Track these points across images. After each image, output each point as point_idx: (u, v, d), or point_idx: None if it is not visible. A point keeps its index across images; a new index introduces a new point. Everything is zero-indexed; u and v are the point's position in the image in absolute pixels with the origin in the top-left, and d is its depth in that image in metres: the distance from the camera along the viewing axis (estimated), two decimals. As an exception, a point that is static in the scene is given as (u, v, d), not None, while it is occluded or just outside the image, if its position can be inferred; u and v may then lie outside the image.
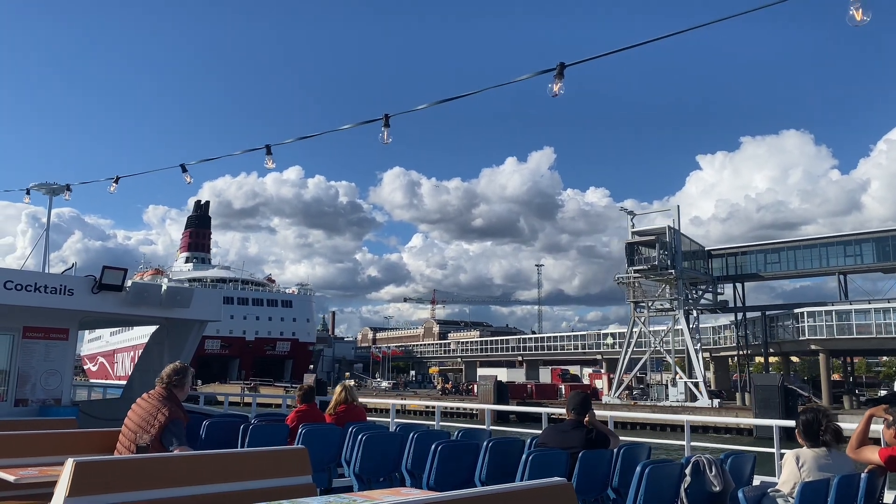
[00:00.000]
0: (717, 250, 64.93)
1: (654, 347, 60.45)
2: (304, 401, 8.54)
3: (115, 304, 10.41)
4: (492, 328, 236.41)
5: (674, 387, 58.07)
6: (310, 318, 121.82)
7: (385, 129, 8.49)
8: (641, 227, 62.29)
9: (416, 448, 6.83)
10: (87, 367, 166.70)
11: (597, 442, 6.11)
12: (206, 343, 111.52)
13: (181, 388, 5.80)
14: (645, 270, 59.42)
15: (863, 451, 4.95)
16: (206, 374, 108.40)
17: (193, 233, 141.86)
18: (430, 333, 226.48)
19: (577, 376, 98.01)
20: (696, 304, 61.15)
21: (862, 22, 5.28)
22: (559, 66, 6.74)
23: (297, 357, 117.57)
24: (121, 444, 5.46)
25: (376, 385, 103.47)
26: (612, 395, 60.66)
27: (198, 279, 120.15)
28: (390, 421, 12.42)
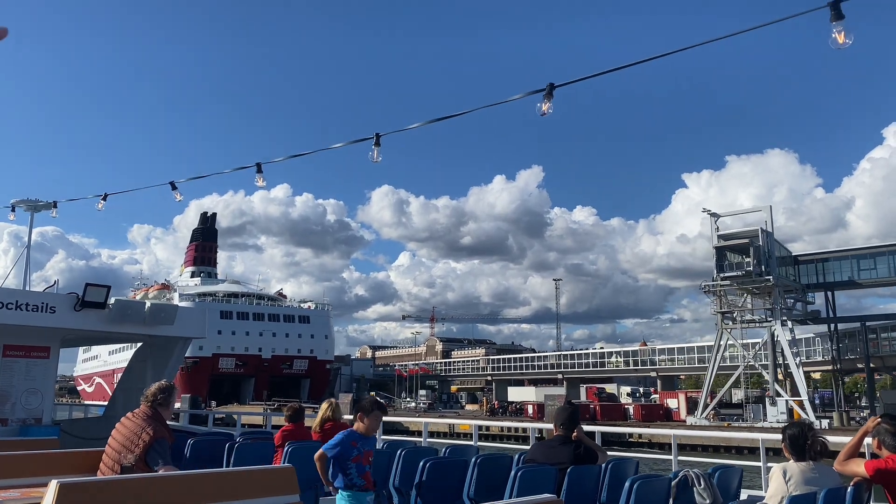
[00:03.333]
0: (806, 256, 59.65)
1: (748, 362, 54.73)
2: (291, 420, 8.52)
3: (98, 322, 10.22)
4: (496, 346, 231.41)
5: (773, 406, 52.35)
6: (328, 335, 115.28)
7: (375, 149, 8.51)
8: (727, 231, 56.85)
9: (403, 465, 6.79)
10: (82, 387, 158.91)
11: (585, 457, 6.01)
12: (221, 361, 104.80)
13: (166, 406, 5.69)
14: (738, 277, 53.90)
15: (849, 463, 4.87)
16: (218, 395, 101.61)
17: (199, 246, 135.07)
18: (433, 351, 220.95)
19: (614, 395, 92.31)
20: (790, 314, 55.61)
21: (844, 45, 5.38)
22: (549, 87, 6.81)
23: (314, 376, 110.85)
24: (104, 465, 5.40)
25: (406, 404, 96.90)
26: (699, 417, 54.76)
27: (208, 294, 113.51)
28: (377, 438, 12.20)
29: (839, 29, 5.37)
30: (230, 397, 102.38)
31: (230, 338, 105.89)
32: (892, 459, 4.62)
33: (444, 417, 72.73)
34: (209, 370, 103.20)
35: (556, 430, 6.25)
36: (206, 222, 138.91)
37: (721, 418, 56.42)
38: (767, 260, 54.01)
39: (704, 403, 55.76)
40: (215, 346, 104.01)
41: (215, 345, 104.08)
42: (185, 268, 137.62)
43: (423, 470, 6.12)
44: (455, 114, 8.14)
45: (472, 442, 11.45)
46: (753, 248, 53.60)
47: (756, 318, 55.94)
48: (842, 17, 5.41)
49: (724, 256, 55.81)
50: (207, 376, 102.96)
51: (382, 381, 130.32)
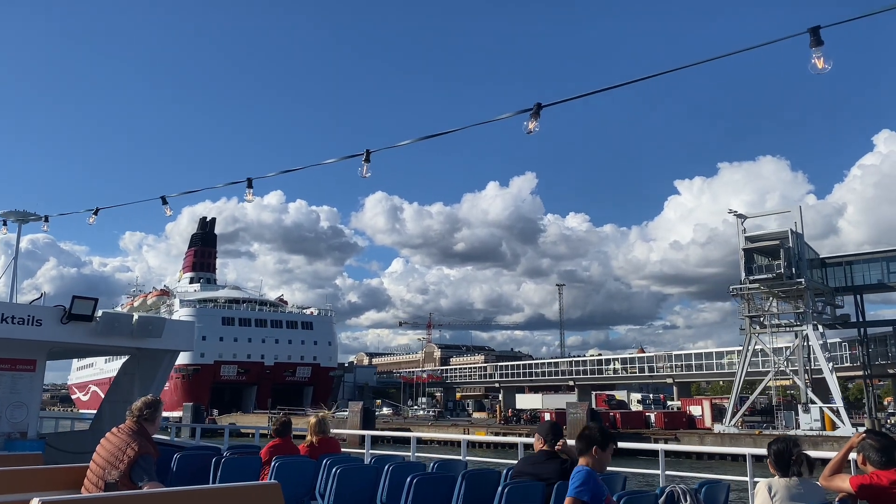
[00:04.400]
0: (833, 258, 57.99)
1: (779, 368, 52.96)
2: (279, 434, 8.31)
3: (85, 335, 10.12)
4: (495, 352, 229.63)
5: (806, 413, 50.55)
6: (331, 342, 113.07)
7: (365, 164, 8.59)
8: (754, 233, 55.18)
9: (391, 480, 6.76)
10: (76, 396, 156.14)
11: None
12: (222, 369, 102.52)
13: (152, 422, 5.65)
14: (769, 280, 52.17)
15: (834, 479, 4.83)
16: (220, 404, 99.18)
17: (198, 252, 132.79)
18: (431, 358, 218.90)
19: (624, 402, 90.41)
20: (820, 318, 53.92)
21: (823, 70, 5.48)
22: (536, 106, 6.94)
23: (318, 383, 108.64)
24: (88, 481, 5.30)
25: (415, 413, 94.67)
26: (728, 424, 52.93)
27: (209, 300, 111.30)
28: (365, 452, 12.19)
29: (818, 55, 5.45)
30: (231, 406, 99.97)
31: (232, 345, 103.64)
32: (876, 475, 4.64)
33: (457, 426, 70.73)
34: (211, 378, 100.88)
35: (541, 444, 6.14)
36: (205, 227, 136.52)
37: (749, 426, 54.62)
38: (798, 262, 52.34)
39: (733, 411, 53.89)
40: (217, 353, 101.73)
41: (217, 352, 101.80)
42: (183, 273, 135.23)
43: (410, 485, 6.07)
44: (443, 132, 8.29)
45: (461, 456, 11.23)
46: (784, 249, 51.89)
47: (785, 323, 54.16)
48: (821, 42, 5.44)
49: (751, 259, 54.04)
50: (209, 384, 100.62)
51: (385, 388, 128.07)
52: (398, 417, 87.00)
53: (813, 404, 51.03)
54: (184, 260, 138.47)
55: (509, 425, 71.91)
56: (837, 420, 48.78)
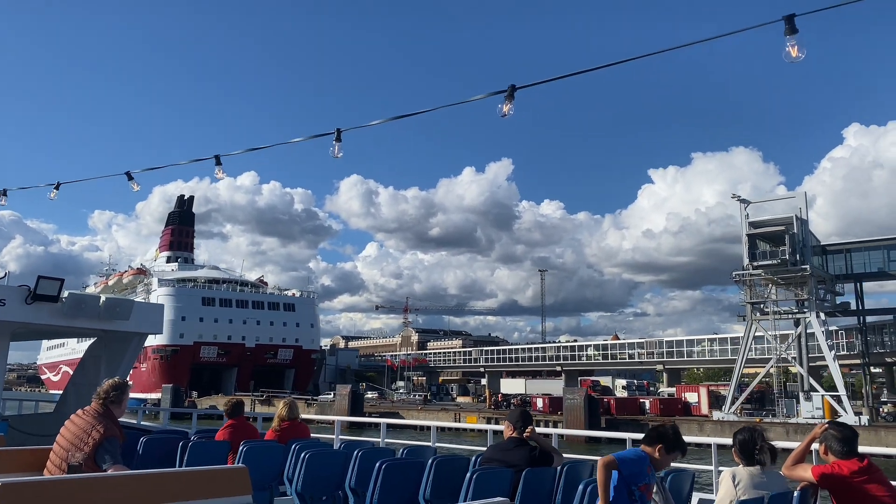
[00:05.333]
0: (834, 245, 57.41)
1: (781, 355, 52.31)
2: (232, 415, 8.26)
3: (50, 316, 9.80)
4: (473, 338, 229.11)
5: (808, 401, 50.01)
6: (314, 324, 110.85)
7: (336, 144, 8.39)
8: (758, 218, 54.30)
9: (360, 466, 6.74)
10: (46, 376, 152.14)
11: (541, 459, 5.98)
12: (202, 350, 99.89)
13: (119, 404, 5.56)
14: (772, 266, 51.35)
15: (796, 468, 4.97)
16: (198, 386, 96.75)
17: (175, 230, 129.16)
18: (409, 342, 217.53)
19: (609, 388, 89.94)
20: (821, 306, 53.31)
21: (797, 59, 5.46)
22: (510, 88, 6.79)
23: (299, 366, 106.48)
24: (51, 463, 5.22)
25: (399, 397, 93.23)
26: (727, 411, 52.25)
27: (188, 280, 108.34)
28: (335, 437, 12.22)
29: (793, 43, 5.45)
30: (210, 388, 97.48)
31: (212, 325, 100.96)
32: (837, 465, 4.71)
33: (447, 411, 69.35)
34: (190, 359, 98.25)
35: (510, 431, 6.19)
36: (182, 205, 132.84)
37: (748, 414, 54.03)
38: (802, 249, 51.59)
39: (733, 398, 53.23)
40: (197, 333, 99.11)
41: (197, 333, 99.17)
42: (159, 252, 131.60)
43: (378, 471, 6.08)
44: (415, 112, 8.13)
45: (430, 443, 11.01)
46: (789, 236, 51.09)
47: (787, 310, 53.49)
48: (795, 31, 5.41)
49: (754, 245, 53.18)
50: (188, 366, 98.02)
51: (367, 371, 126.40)
52: (385, 401, 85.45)
53: (815, 392, 50.50)
54: (160, 238, 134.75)
55: (500, 410, 70.76)
56: (840, 408, 48.28)
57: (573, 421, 54.12)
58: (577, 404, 55.56)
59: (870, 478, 4.61)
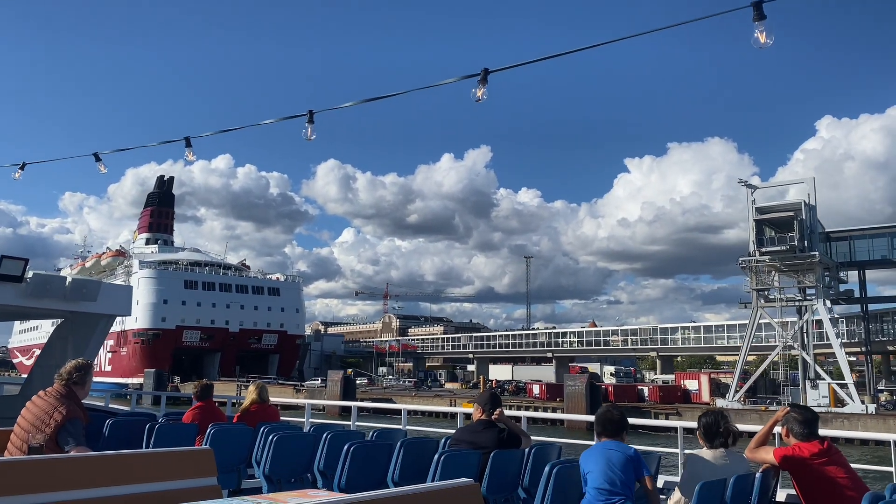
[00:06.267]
0: (838, 232, 56.80)
1: (787, 342, 51.65)
2: (200, 398, 8.17)
3: (14, 297, 9.60)
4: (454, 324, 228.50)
5: (814, 389, 49.44)
6: (299, 309, 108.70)
7: (309, 126, 8.24)
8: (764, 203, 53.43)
9: (328, 448, 6.74)
10: (19, 360, 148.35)
11: (509, 441, 6.09)
12: (185, 334, 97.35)
13: (82, 385, 5.48)
14: (780, 253, 50.55)
15: (759, 451, 5.12)
16: (180, 370, 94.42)
17: (155, 212, 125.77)
18: (389, 328, 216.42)
19: (597, 374, 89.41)
20: (826, 293, 52.70)
21: (766, 45, 5.49)
22: (483, 72, 6.73)
23: (284, 351, 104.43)
24: (12, 445, 5.14)
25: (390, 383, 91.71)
26: (731, 400, 51.56)
27: (169, 262, 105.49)
28: (305, 421, 12.16)
29: (761, 29, 5.48)
30: (192, 373, 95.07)
31: (195, 309, 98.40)
32: (798, 447, 4.83)
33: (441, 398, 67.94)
34: (172, 343, 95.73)
35: (479, 413, 6.23)
36: (162, 186, 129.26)
37: (752, 402, 53.41)
38: (810, 235, 50.85)
39: (737, 386, 52.54)
40: (179, 317, 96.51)
41: (179, 316, 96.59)
42: (138, 234, 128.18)
43: (347, 453, 6.12)
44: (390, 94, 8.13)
45: (401, 426, 11.12)
46: (798, 222, 50.29)
47: (792, 297, 52.80)
48: (763, 17, 5.45)
49: (761, 231, 52.34)
50: (170, 350, 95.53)
51: (353, 357, 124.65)
52: (375, 387, 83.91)
53: (821, 380, 49.95)
54: (139, 220, 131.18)
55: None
56: (847, 396, 47.75)
57: (574, 408, 53.08)
58: (579, 391, 54.59)
59: (829, 459, 4.73)
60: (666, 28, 6.28)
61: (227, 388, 72.14)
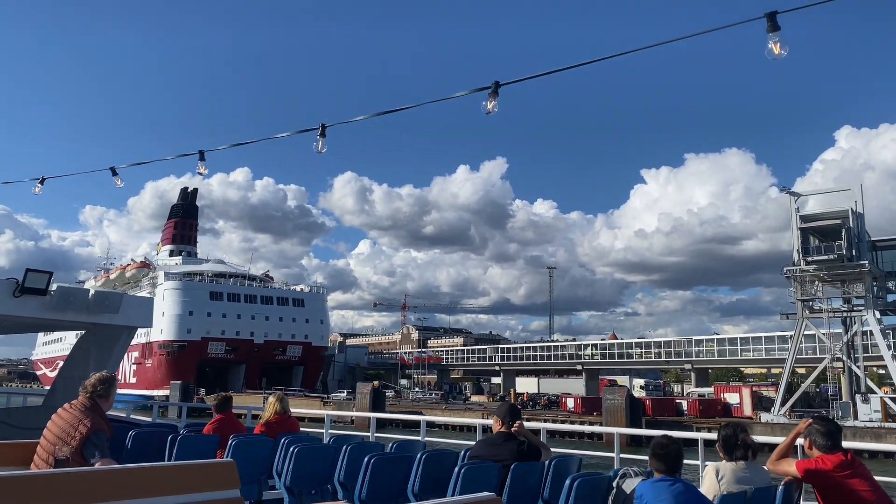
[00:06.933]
0: (885, 241, 55.10)
1: (835, 355, 50.03)
2: (220, 410, 8.29)
3: (39, 309, 9.86)
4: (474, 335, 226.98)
5: (865, 403, 47.72)
6: (323, 320, 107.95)
7: (320, 139, 8.36)
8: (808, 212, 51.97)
9: (349, 460, 6.75)
10: (42, 372, 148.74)
11: (529, 454, 6.04)
12: (210, 346, 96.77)
13: (106, 398, 5.56)
14: (828, 262, 49.04)
15: (781, 463, 5.06)
16: (204, 382, 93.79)
17: (179, 223, 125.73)
18: (409, 340, 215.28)
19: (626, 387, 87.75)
20: (875, 304, 51.05)
21: (780, 56, 5.47)
22: (494, 85, 6.81)
23: (309, 363, 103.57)
24: (38, 457, 5.20)
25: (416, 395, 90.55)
26: (777, 413, 49.95)
27: (194, 273, 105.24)
28: (324, 432, 12.29)
29: (776, 40, 5.47)
30: (216, 385, 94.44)
31: (220, 321, 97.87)
32: (822, 459, 4.74)
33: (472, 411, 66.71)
34: (197, 355, 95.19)
35: (499, 425, 6.20)
36: (186, 198, 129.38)
37: (798, 416, 51.67)
38: (858, 244, 49.32)
39: (782, 399, 50.93)
40: (204, 329, 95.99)
41: (204, 328, 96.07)
42: (162, 246, 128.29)
43: (367, 465, 6.09)
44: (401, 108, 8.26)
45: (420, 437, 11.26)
46: (846, 230, 48.79)
47: (839, 308, 51.19)
48: (777, 28, 5.46)
49: (806, 239, 50.88)
50: (196, 362, 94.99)
51: (376, 369, 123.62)
52: (403, 400, 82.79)
53: (873, 394, 48.25)
54: (163, 231, 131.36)
55: (527, 410, 68.31)
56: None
57: (613, 423, 51.53)
58: (619, 405, 53.12)
59: (853, 472, 4.64)
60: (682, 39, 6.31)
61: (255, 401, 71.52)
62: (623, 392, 55.05)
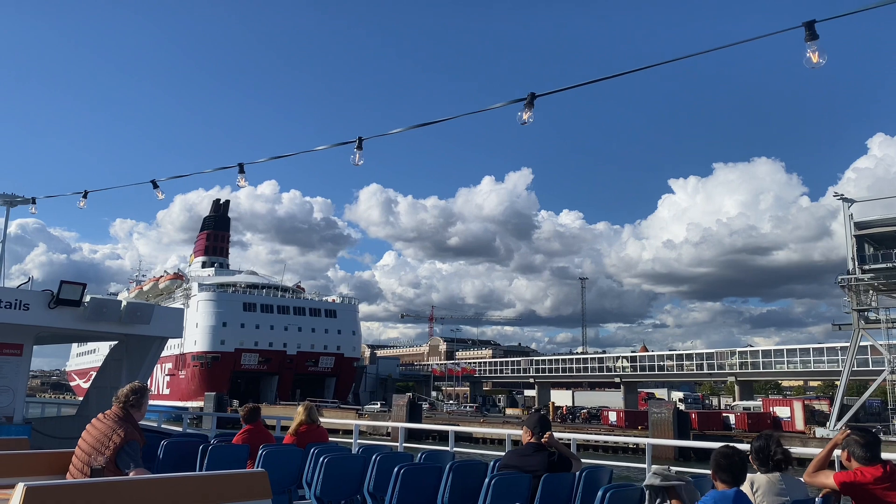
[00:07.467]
0: (943, 249, 52.93)
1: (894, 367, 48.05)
2: (249, 420, 8.26)
3: (73, 320, 10.10)
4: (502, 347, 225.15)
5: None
6: (355, 331, 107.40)
7: (357, 152, 8.48)
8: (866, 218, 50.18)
9: (378, 470, 6.74)
10: (76, 383, 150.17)
11: (559, 465, 5.99)
12: (243, 357, 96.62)
13: (139, 408, 5.65)
14: (887, 270, 47.21)
15: (818, 475, 4.92)
16: (236, 394, 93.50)
17: (211, 235, 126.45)
18: (436, 352, 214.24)
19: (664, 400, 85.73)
20: (933, 313, 49.00)
21: (818, 65, 5.42)
22: (530, 96, 6.79)
23: (341, 374, 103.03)
24: (74, 467, 5.29)
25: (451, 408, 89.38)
26: (833, 428, 47.98)
27: (227, 284, 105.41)
28: (353, 442, 12.30)
29: (814, 49, 5.42)
30: (248, 396, 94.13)
31: (253, 332, 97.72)
32: (860, 471, 4.62)
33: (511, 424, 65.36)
34: (231, 366, 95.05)
35: (529, 436, 6.17)
36: (218, 210, 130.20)
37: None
38: (916, 251, 47.45)
39: (839, 413, 48.99)
40: (238, 340, 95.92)
41: (238, 339, 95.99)
42: (194, 257, 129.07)
43: (397, 475, 6.05)
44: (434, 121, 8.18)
45: (448, 447, 11.07)
46: (904, 237, 46.98)
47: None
48: (816, 37, 5.38)
49: (862, 247, 49.10)
50: (229, 373, 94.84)
51: (406, 381, 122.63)
52: (438, 412, 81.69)
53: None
54: (195, 243, 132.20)
55: (566, 424, 66.83)
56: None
57: (661, 437, 50.19)
58: (665, 419, 51.55)
59: (892, 484, 4.51)
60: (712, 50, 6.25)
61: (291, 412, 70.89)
62: (670, 405, 53.47)
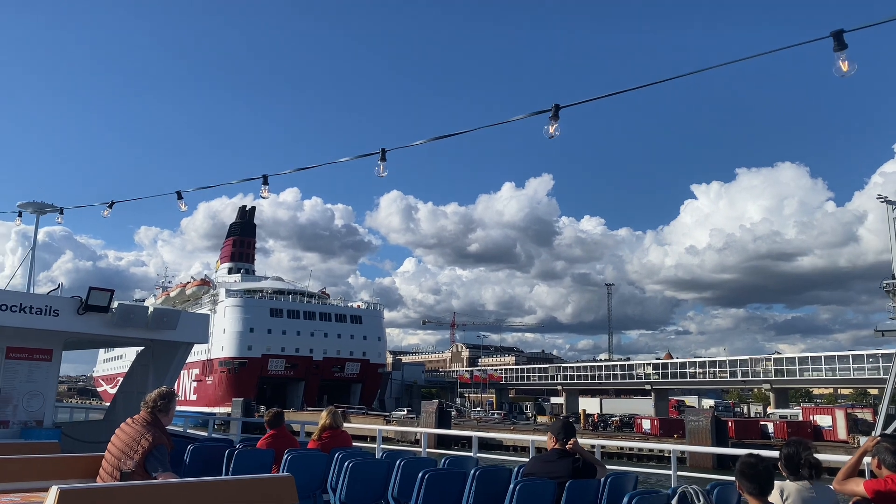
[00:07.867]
0: None
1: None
2: (273, 425, 8.43)
3: (101, 326, 10.23)
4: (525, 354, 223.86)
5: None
6: (381, 337, 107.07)
7: (381, 163, 8.57)
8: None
9: (402, 475, 6.77)
10: (103, 388, 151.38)
11: (584, 471, 5.97)
12: (270, 363, 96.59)
13: (166, 413, 5.71)
14: (934, 275, 45.80)
15: (848, 483, 4.81)
16: (262, 400, 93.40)
17: (237, 241, 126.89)
18: (459, 358, 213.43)
19: (695, 407, 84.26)
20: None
21: (848, 73, 5.32)
22: (554, 108, 6.71)
23: (366, 380, 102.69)
24: (104, 471, 5.39)
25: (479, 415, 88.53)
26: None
27: (253, 290, 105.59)
28: (377, 447, 12.52)
29: (843, 58, 5.34)
30: (274, 402, 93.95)
31: (280, 338, 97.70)
32: (891, 479, 4.55)
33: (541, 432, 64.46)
34: (258, 372, 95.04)
35: (553, 442, 6.18)
36: (244, 216, 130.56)
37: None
38: (967, 255, 46.00)
39: (885, 422, 47.50)
40: (265, 346, 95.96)
41: (265, 345, 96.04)
42: (220, 263, 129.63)
43: (421, 481, 6.10)
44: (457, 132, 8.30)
45: (472, 453, 11.17)
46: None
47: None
48: (844, 46, 5.31)
49: (908, 251, 47.72)
50: (256, 379, 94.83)
51: (431, 387, 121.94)
52: (466, 419, 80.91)
53: None
54: (221, 249, 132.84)
55: (598, 432, 65.79)
56: None
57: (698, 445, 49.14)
58: (703, 427, 50.38)
59: None
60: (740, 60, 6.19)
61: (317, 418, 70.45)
62: (708, 413, 52.29)
